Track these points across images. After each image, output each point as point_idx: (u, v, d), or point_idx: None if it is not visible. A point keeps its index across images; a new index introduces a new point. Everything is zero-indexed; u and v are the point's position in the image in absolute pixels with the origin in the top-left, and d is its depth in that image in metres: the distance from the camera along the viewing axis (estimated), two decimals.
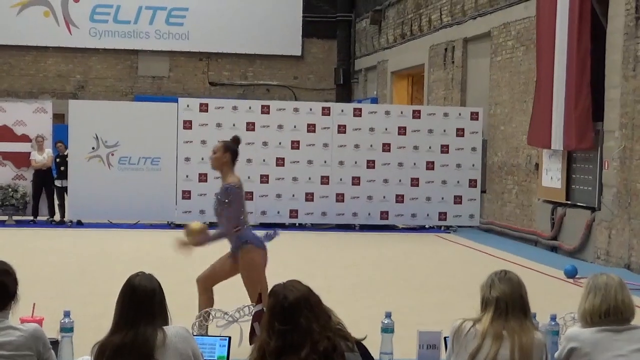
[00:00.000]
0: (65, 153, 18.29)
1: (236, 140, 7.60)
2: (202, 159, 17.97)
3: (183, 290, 8.12)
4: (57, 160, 18.34)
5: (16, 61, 29.79)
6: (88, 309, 8.65)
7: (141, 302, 4.00)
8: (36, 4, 29.31)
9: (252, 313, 5.72)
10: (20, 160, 18.32)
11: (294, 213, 18.58)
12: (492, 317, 4.25)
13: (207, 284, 7.50)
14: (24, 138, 18.38)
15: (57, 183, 18.32)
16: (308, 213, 18.64)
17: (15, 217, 18.24)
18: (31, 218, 18.30)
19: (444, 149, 18.77)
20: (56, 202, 18.42)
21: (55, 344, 4.58)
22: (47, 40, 29.43)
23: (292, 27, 30.64)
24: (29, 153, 18.18)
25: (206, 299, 7.33)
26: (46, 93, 29.07)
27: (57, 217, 18.38)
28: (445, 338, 4.93)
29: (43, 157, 18.14)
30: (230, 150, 7.45)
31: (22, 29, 29.06)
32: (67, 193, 18.27)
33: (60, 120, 22.52)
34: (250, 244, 7.41)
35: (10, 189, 18.14)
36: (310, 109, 18.84)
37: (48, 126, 18.56)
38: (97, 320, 7.19)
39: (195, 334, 5.17)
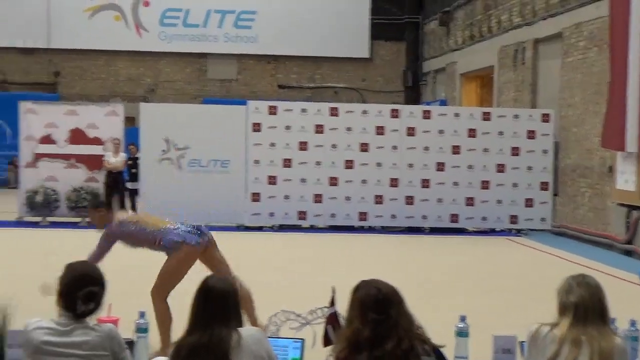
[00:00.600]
0: (137, 155, 18.51)
1: (94, 196, 7.89)
2: (271, 161, 18.13)
3: (260, 291, 8.11)
4: (129, 162, 18.56)
5: (88, 65, 30.30)
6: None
7: (217, 304, 4.01)
8: (107, 9, 29.78)
9: (326, 315, 5.70)
10: (93, 162, 18.58)
11: (363, 216, 18.53)
12: (570, 323, 4.17)
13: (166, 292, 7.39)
14: (96, 141, 18.66)
15: (129, 185, 18.54)
16: (377, 216, 18.56)
17: (87, 219, 18.49)
18: None
19: (515, 151, 18.54)
20: (127, 204, 18.64)
21: (130, 344, 4.62)
22: (118, 44, 29.88)
23: (359, 30, 30.63)
24: (102, 155, 18.44)
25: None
26: (117, 96, 29.48)
27: None
28: (521, 342, 4.85)
29: (117, 159, 18.38)
30: (97, 206, 7.85)
31: (94, 33, 29.55)
32: (138, 195, 18.49)
33: (131, 123, 22.82)
34: (182, 244, 7.32)
35: (83, 191, 18.42)
36: (379, 112, 18.77)
37: (119, 129, 18.81)
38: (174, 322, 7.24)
39: (268, 335, 5.17)
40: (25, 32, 29.44)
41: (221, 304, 4.02)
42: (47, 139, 18.58)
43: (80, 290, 4.15)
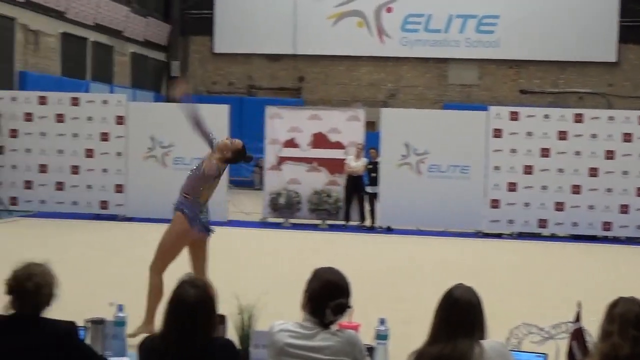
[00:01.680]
0: (377, 160, 18.68)
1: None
2: (512, 167, 17.78)
3: (500, 300, 7.93)
4: (369, 166, 18.75)
5: (331, 71, 30.98)
6: (396, 314, 8.69)
7: (462, 315, 3.92)
8: (351, 15, 30.31)
9: (571, 330, 5.46)
10: (334, 166, 18.92)
11: (607, 225, 17.76)
12: None
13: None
14: (338, 145, 19.00)
15: (368, 189, 18.73)
16: (623, 226, 17.73)
17: (328, 222, 18.90)
18: (343, 222, 18.85)
19: None
20: (367, 207, 18.85)
21: (370, 350, 4.62)
22: (360, 50, 30.34)
23: (606, 33, 29.48)
24: (343, 159, 18.74)
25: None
26: (358, 101, 29.93)
27: (367, 222, 18.81)
28: None
29: (358, 163, 18.64)
30: (234, 153, 8.24)
31: (337, 39, 30.17)
32: (377, 199, 18.65)
33: (371, 128, 23.08)
34: (183, 214, 7.90)
35: (324, 194, 18.82)
36: (627, 118, 17.96)
37: (360, 134, 19.04)
38: (405, 327, 7.23)
39: (509, 348, 5.01)
40: (272, 40, 30.55)
41: (467, 315, 3.94)
42: (290, 143, 19.11)
43: (332, 300, 4.17)
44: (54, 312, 4.31)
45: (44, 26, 22.59)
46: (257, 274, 12.22)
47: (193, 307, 3.97)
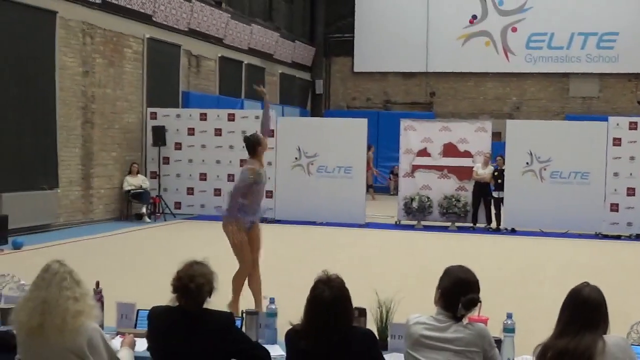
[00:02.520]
0: (503, 167, 18.36)
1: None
2: (631, 174, 17.19)
3: (620, 298, 7.66)
4: (495, 173, 18.46)
5: (460, 86, 30.67)
6: (522, 310, 8.48)
7: (589, 312, 3.82)
8: (479, 35, 29.95)
9: None
10: (463, 173, 18.71)
11: None
12: None
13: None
14: (466, 154, 18.77)
15: (494, 194, 18.43)
16: None
17: (457, 224, 18.69)
18: (471, 225, 18.62)
19: None
20: (493, 211, 18.55)
21: (498, 342, 4.53)
22: (487, 66, 29.93)
23: None
24: (471, 167, 18.52)
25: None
26: (485, 114, 29.52)
27: (493, 224, 18.51)
28: None
29: (485, 171, 18.37)
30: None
31: (465, 57, 29.87)
32: (502, 203, 18.33)
33: (497, 138, 22.71)
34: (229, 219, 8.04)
35: (453, 199, 18.64)
36: None
37: (487, 143, 18.76)
38: (530, 323, 7.06)
39: (630, 342, 4.82)
40: (406, 59, 30.52)
41: (593, 313, 3.83)
42: (423, 152, 19.00)
43: (463, 295, 4.13)
44: (216, 304, 4.41)
45: (204, 51, 23.22)
46: (393, 271, 12.21)
47: (329, 305, 4.00)
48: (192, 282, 4.26)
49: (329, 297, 4.00)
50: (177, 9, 21.27)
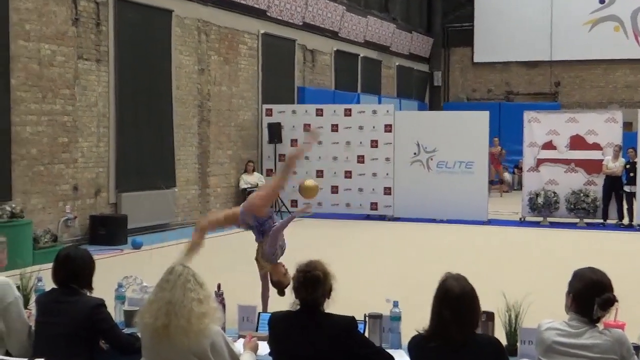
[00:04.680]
0: (635, 160, 17.75)
1: None
2: None
3: None
4: (627, 166, 17.87)
5: (587, 74, 29.89)
6: None
7: None
8: (607, 20, 29.09)
9: None
10: (592, 167, 18.19)
11: None
12: None
13: None
14: (595, 146, 18.24)
15: (626, 188, 17.85)
16: None
17: (585, 220, 18.20)
18: (601, 221, 18.09)
19: None
20: (625, 206, 17.97)
21: (637, 349, 4.37)
22: (616, 53, 29.06)
23: None
24: (600, 160, 17.98)
25: None
26: (615, 103, 28.62)
27: (625, 220, 17.93)
28: None
29: (616, 164, 17.80)
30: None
31: (593, 44, 29.08)
32: (635, 198, 17.74)
33: (628, 129, 21.96)
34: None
35: (582, 194, 18.14)
36: None
37: (618, 135, 18.17)
38: None
39: None
40: (529, 48, 29.99)
41: None
42: (548, 145, 18.58)
43: (598, 296, 4.02)
44: (337, 305, 4.42)
45: (319, 45, 23.39)
46: (520, 271, 11.99)
47: (458, 298, 3.95)
48: (312, 285, 4.28)
49: (458, 291, 3.95)
50: (292, 2, 21.49)
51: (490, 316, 4.88)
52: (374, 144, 19.12)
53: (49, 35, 13.82)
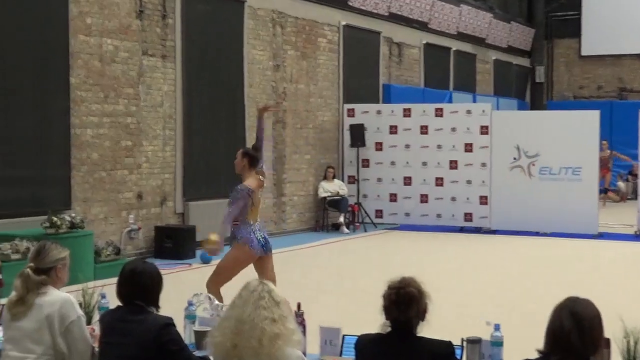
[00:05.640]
0: None
1: (255, 148, 8.79)
2: None
3: None
4: None
5: None
6: None
7: None
8: None
9: None
10: None
11: None
12: None
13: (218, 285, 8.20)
14: None
15: None
16: None
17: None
18: None
19: None
20: None
21: None
22: None
23: None
24: None
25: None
26: None
27: None
28: None
29: None
30: (247, 156, 8.62)
31: None
32: None
33: None
34: (241, 241, 8.29)
35: None
36: None
37: None
38: None
39: None
40: None
41: None
42: None
43: None
44: (430, 328, 4.38)
45: (407, 38, 23.34)
46: (638, 292, 11.71)
47: (588, 319, 3.85)
48: (404, 303, 4.25)
49: (588, 313, 3.86)
50: None
51: (606, 343, 4.76)
52: (469, 147, 18.95)
53: (112, 29, 14.10)
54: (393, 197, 19.73)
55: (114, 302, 5.04)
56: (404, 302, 4.25)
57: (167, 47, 15.34)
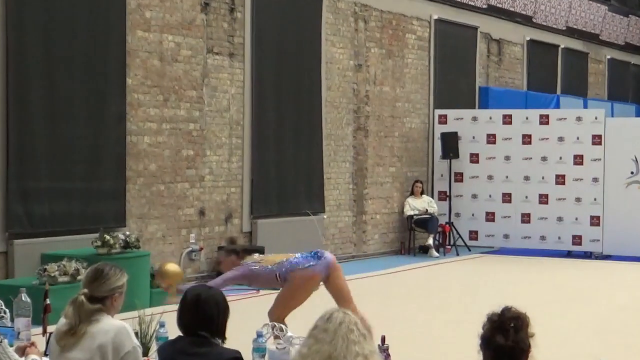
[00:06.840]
0: None
1: (231, 241, 9.55)
2: None
3: None
4: None
5: None
6: None
7: None
8: None
9: None
10: None
11: None
12: None
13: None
14: None
15: None
16: None
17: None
18: None
19: None
20: None
21: None
22: None
23: None
24: None
25: None
26: None
27: None
28: None
29: None
30: (229, 252, 8.78)
31: None
32: None
33: None
34: (295, 270, 8.32)
35: None
36: None
37: None
38: None
39: None
40: None
41: None
42: None
43: None
44: None
45: (508, 34, 23.19)
46: None
47: None
48: (509, 334, 4.22)
49: None
50: None
51: None
52: (578, 160, 18.78)
53: (173, 25, 14.27)
54: (490, 217, 19.61)
55: (174, 331, 5.10)
56: (511, 328, 4.22)
57: (235, 44, 15.47)
